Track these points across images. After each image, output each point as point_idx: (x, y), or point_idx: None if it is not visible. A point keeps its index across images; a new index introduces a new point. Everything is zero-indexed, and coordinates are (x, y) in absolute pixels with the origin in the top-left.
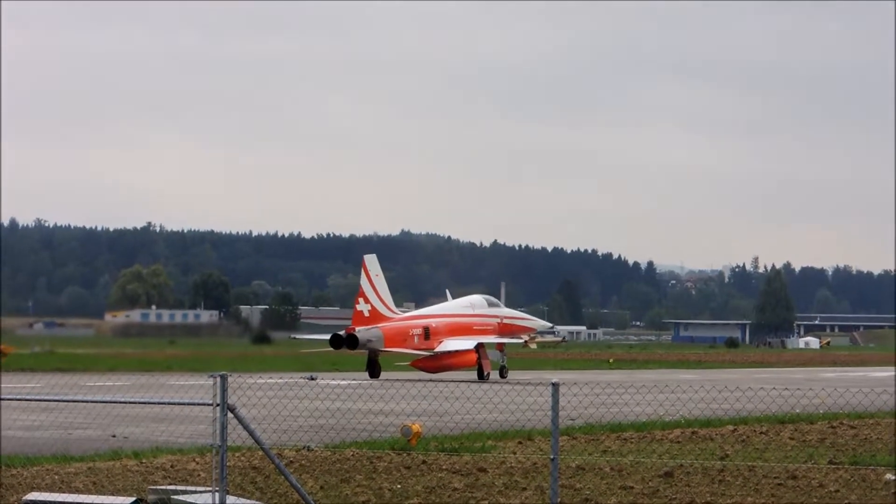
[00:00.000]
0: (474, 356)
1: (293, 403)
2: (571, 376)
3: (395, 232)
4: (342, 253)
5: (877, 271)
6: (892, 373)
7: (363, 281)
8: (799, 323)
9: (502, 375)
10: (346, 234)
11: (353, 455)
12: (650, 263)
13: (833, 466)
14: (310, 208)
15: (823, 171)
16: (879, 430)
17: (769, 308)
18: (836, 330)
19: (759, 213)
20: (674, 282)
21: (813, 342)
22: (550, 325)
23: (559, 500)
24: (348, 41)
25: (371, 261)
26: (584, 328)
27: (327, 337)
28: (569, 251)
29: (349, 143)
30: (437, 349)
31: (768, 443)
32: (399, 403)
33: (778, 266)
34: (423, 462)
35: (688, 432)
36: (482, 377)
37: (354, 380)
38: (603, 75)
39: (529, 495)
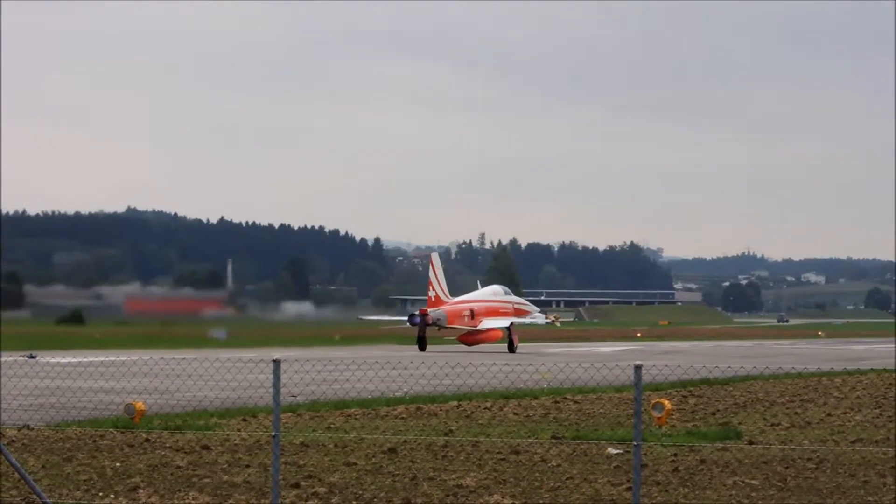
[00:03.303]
0: (501, 333)
1: (13, 382)
2: (294, 353)
3: (122, 209)
4: (68, 230)
5: (602, 247)
6: (616, 348)
7: (430, 274)
8: (525, 299)
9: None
10: (71, 211)
11: (75, 434)
12: (377, 240)
13: (556, 441)
14: (34, 185)
15: (551, 149)
16: (602, 405)
17: (496, 283)
18: (562, 305)
19: (486, 190)
20: (401, 258)
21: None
22: (539, 309)
23: (281, 477)
24: (78, 17)
25: (436, 258)
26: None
27: (391, 317)
28: (296, 228)
29: (74, 118)
30: (479, 327)
31: (492, 418)
32: (121, 381)
33: (504, 242)
34: (147, 440)
35: (412, 408)
36: (512, 349)
37: (75, 357)
38: (332, 52)
39: (252, 472)
